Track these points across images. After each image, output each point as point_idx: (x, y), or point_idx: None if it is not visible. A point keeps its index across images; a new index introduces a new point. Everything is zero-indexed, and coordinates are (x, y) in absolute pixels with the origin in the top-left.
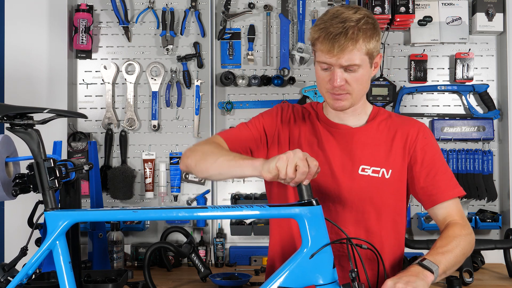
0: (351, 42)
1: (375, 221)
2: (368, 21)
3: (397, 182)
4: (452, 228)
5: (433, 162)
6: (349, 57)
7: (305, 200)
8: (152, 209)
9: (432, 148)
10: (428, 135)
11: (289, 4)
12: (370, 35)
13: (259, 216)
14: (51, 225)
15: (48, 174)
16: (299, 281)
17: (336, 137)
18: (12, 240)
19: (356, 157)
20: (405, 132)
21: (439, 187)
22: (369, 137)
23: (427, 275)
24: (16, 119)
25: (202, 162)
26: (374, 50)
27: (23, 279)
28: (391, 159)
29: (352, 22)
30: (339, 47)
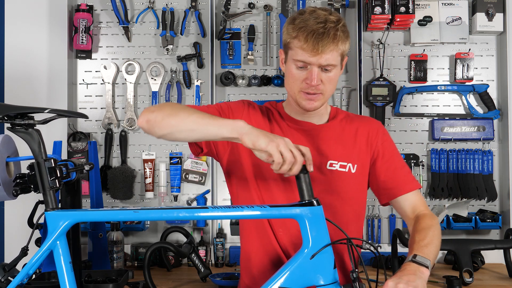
0: (333, 42)
1: (339, 213)
2: (344, 23)
3: (360, 176)
4: (424, 220)
5: (393, 157)
6: (328, 57)
7: (306, 200)
8: (153, 209)
9: (390, 144)
10: (386, 133)
11: (289, 4)
12: (346, 37)
13: (260, 216)
14: (52, 225)
15: (49, 174)
16: (300, 281)
17: (303, 134)
18: (12, 240)
19: (324, 153)
20: (365, 129)
21: (400, 180)
22: (334, 134)
23: (423, 271)
24: (17, 119)
25: (172, 117)
26: (346, 52)
27: (24, 279)
28: (355, 154)
29: (331, 23)
30: (322, 46)
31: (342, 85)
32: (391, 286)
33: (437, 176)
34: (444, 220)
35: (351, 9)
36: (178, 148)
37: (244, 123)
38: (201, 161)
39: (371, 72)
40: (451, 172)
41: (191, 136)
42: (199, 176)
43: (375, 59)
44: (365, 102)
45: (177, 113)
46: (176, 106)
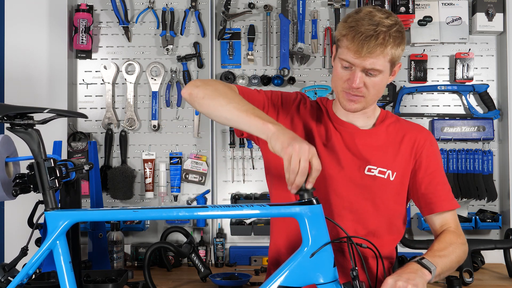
0: (380, 47)
1: (372, 221)
2: (399, 29)
3: (399, 185)
4: (449, 235)
5: (436, 171)
6: (374, 61)
7: (306, 198)
8: (153, 208)
9: (436, 157)
10: (434, 144)
11: (289, 4)
12: (398, 43)
13: (260, 215)
14: (52, 225)
15: (48, 174)
16: (300, 280)
17: (344, 136)
18: (12, 240)
19: (363, 157)
20: (413, 137)
21: (439, 197)
22: (377, 139)
23: (425, 273)
24: (17, 119)
25: (212, 99)
26: (397, 58)
27: (24, 279)
28: (397, 162)
29: (384, 27)
30: (367, 49)
31: None
32: (390, 283)
33: None
34: None
35: (351, 9)
36: (178, 148)
37: (274, 125)
38: (201, 161)
39: None
40: (451, 172)
41: (225, 123)
42: (199, 176)
43: None
44: None
45: (217, 96)
46: (220, 87)
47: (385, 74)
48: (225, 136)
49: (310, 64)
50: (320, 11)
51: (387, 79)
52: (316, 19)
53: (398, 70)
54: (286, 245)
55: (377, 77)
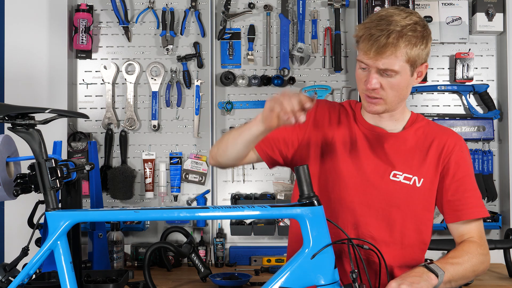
0: (390, 47)
1: (399, 228)
2: (416, 28)
3: (427, 191)
4: (468, 244)
5: (465, 177)
6: (387, 62)
7: (306, 193)
8: (153, 209)
9: (466, 163)
10: (464, 149)
11: (289, 4)
12: (415, 43)
13: (261, 216)
14: (52, 225)
15: (49, 174)
16: (301, 281)
17: (371, 140)
18: (12, 240)
19: (389, 162)
20: (442, 142)
21: (466, 204)
22: (405, 143)
23: (431, 277)
24: (18, 119)
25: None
26: (418, 58)
27: (24, 279)
28: (424, 168)
29: (397, 27)
30: (376, 49)
31: (342, 85)
32: (394, 286)
33: None
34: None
35: (351, 9)
36: (178, 148)
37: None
38: (201, 161)
39: None
40: None
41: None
42: (199, 176)
43: None
44: None
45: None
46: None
47: (403, 75)
48: None
49: (310, 64)
50: (320, 11)
51: (408, 80)
52: (316, 19)
53: (426, 70)
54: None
55: (394, 78)
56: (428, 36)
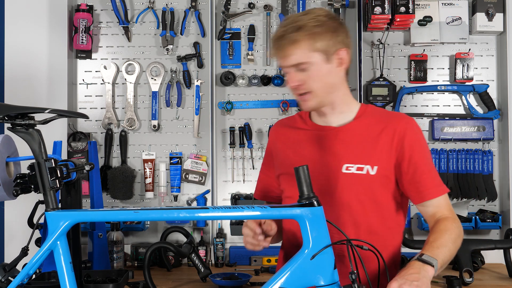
0: (292, 43)
1: (362, 217)
2: (318, 19)
3: (383, 178)
4: (443, 223)
5: (421, 159)
6: (294, 57)
7: (305, 195)
8: (153, 209)
9: (419, 145)
10: (416, 132)
11: (289, 4)
12: (317, 33)
13: (260, 216)
14: (52, 225)
15: (49, 174)
16: (300, 282)
17: (321, 140)
18: (12, 240)
19: (340, 156)
20: (392, 127)
21: (426, 185)
22: (354, 135)
23: (428, 269)
24: (18, 119)
25: None
26: (328, 47)
27: (24, 279)
28: (376, 155)
29: (295, 24)
30: (279, 48)
31: None
32: (395, 287)
33: None
34: None
35: (351, 9)
36: (178, 148)
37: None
38: (201, 161)
39: (371, 72)
40: (451, 172)
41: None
42: (199, 176)
43: (375, 59)
44: (365, 102)
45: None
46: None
47: (317, 65)
48: (225, 136)
49: None
50: None
51: (327, 68)
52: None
53: (347, 56)
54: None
55: (310, 70)
56: (336, 25)
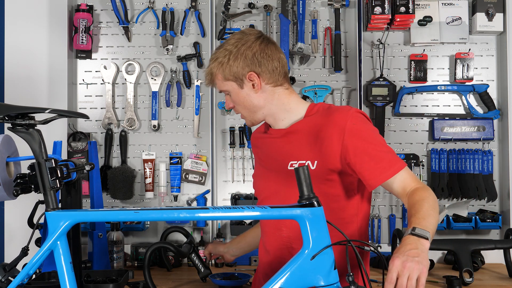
0: (210, 75)
1: None
2: (226, 48)
3: (325, 171)
4: (417, 193)
5: (367, 146)
6: (216, 85)
7: (305, 195)
8: (153, 209)
9: (362, 133)
10: (356, 121)
11: (289, 4)
12: (223, 62)
13: (260, 217)
14: (52, 225)
15: (49, 174)
16: (300, 282)
17: (273, 143)
18: (12, 240)
19: (286, 155)
20: (332, 122)
21: (382, 167)
22: (299, 133)
23: (424, 243)
24: (18, 119)
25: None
26: (236, 74)
27: (24, 279)
28: (316, 150)
29: (212, 57)
30: (207, 81)
31: (342, 85)
32: (398, 265)
33: (437, 176)
34: (444, 220)
35: (351, 9)
36: (178, 148)
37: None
38: (201, 161)
39: (371, 72)
40: (451, 172)
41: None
42: (199, 176)
43: (375, 59)
44: (365, 102)
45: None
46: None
47: (234, 91)
48: (225, 136)
49: (310, 64)
50: (320, 11)
51: (242, 93)
52: (316, 19)
53: (257, 80)
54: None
55: (231, 96)
56: (243, 49)
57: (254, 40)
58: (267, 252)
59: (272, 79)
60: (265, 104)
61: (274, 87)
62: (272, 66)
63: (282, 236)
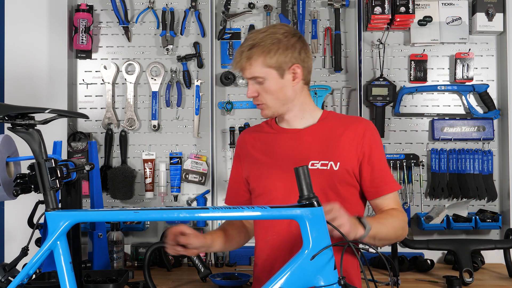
0: (246, 58)
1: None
2: (274, 36)
3: (345, 173)
4: (392, 211)
5: (378, 159)
6: (249, 71)
7: (305, 195)
8: (153, 209)
9: (377, 145)
10: (374, 133)
11: (289, 4)
12: (269, 50)
13: (260, 217)
14: (52, 225)
15: (49, 174)
16: (300, 282)
17: (287, 141)
18: (12, 240)
19: (305, 154)
20: (353, 129)
21: (383, 181)
22: (318, 135)
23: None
24: (18, 119)
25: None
26: (281, 63)
27: (24, 279)
28: (338, 153)
29: (251, 41)
30: (236, 63)
31: (342, 85)
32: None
33: (437, 176)
34: (444, 220)
35: (351, 9)
36: (178, 148)
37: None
38: (201, 161)
39: (371, 72)
40: (451, 172)
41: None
42: (199, 176)
43: (375, 59)
44: (365, 102)
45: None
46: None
47: (272, 79)
48: (225, 136)
49: None
50: (320, 11)
51: (281, 83)
52: (316, 19)
53: (301, 72)
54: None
55: (264, 84)
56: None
57: (300, 36)
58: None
59: (306, 77)
60: (294, 98)
61: (304, 84)
62: (309, 65)
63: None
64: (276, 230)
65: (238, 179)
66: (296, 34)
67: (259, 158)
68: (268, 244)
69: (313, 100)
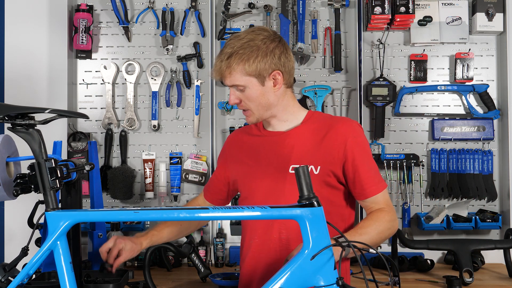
0: (225, 67)
1: None
2: (251, 44)
3: (327, 176)
4: (377, 214)
5: (362, 160)
6: (230, 80)
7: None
8: (153, 209)
9: (361, 146)
10: (357, 134)
11: (289, 4)
12: (248, 58)
13: (260, 217)
14: (52, 225)
15: (49, 174)
16: (300, 282)
17: (272, 144)
18: (12, 240)
19: (287, 158)
20: (335, 131)
21: (368, 183)
22: (300, 138)
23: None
24: (18, 119)
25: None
26: (262, 70)
27: (24, 279)
28: (320, 156)
29: (229, 48)
30: (215, 72)
31: (342, 85)
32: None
33: (437, 176)
34: (444, 220)
35: (351, 9)
36: (178, 148)
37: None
38: (201, 161)
39: (371, 72)
40: (451, 172)
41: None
42: (199, 176)
43: (375, 59)
44: (365, 102)
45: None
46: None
47: (252, 87)
48: (225, 136)
49: (310, 64)
50: (320, 11)
51: (262, 90)
52: (316, 19)
53: (281, 77)
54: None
55: (245, 91)
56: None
57: (280, 39)
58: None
59: (287, 80)
60: (277, 103)
61: (286, 88)
62: (290, 68)
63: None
64: (258, 234)
65: (220, 177)
66: (275, 39)
67: (245, 161)
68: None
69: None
